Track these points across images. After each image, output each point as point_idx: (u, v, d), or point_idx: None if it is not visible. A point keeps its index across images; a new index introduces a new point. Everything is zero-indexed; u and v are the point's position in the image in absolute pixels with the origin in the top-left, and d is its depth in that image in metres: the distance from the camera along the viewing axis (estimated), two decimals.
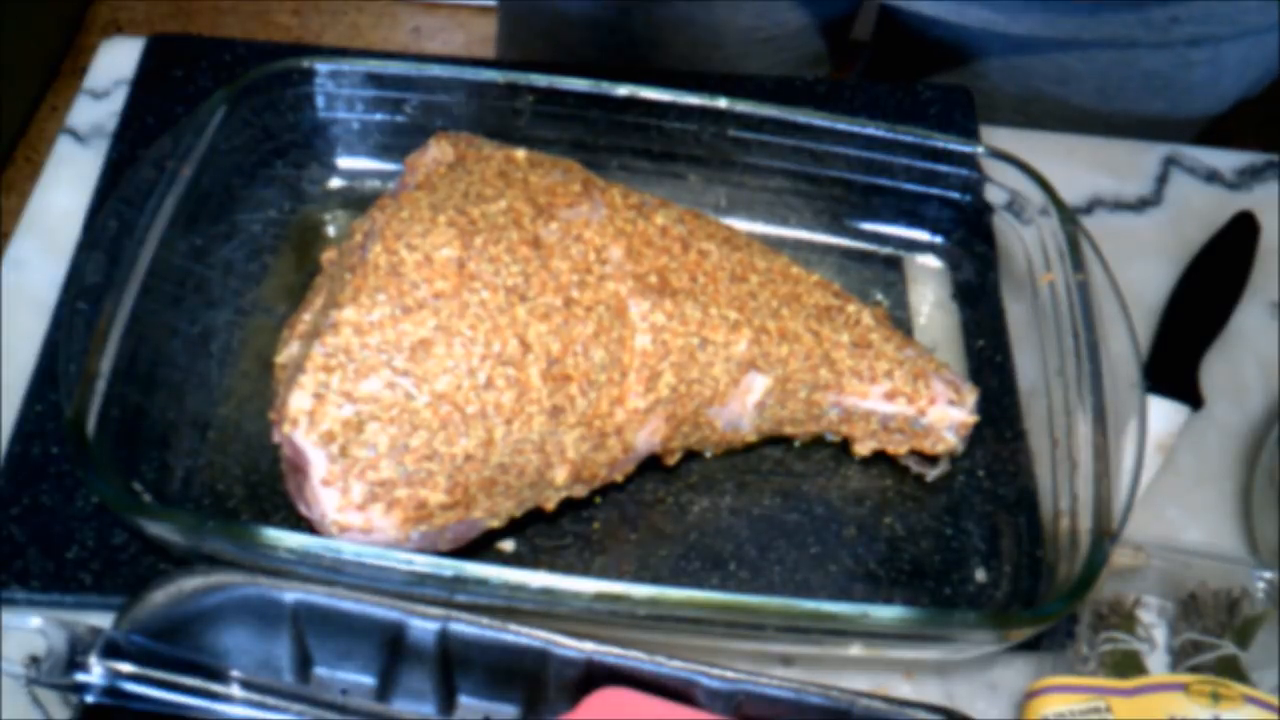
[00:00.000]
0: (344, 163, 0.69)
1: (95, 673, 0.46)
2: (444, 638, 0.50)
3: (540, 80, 0.65)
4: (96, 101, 0.73)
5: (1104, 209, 0.75)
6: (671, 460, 0.60)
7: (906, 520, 0.61)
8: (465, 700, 0.53)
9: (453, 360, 0.52)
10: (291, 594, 0.50)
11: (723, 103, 0.65)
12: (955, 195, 0.68)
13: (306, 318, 0.58)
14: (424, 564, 0.50)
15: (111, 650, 0.47)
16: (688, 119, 0.66)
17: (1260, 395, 0.68)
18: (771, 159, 0.68)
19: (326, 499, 0.51)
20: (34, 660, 0.46)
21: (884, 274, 0.69)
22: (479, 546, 0.57)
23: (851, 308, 0.62)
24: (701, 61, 0.87)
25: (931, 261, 0.70)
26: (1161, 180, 0.77)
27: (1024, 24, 0.77)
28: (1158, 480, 0.64)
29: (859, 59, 1.01)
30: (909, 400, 0.60)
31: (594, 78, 0.66)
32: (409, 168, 0.60)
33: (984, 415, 0.62)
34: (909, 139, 0.66)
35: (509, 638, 0.50)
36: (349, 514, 0.51)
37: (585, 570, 0.58)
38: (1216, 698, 0.52)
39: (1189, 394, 0.66)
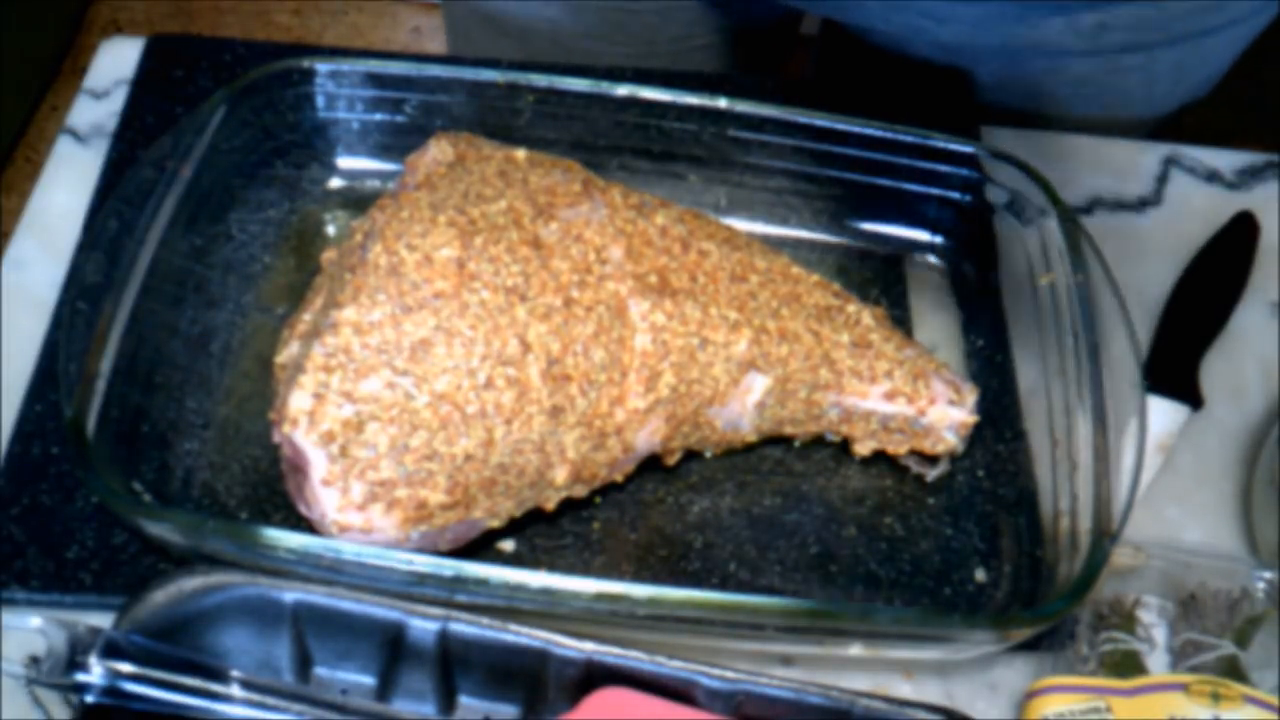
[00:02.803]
0: (344, 163, 0.69)
1: (95, 673, 0.46)
2: (444, 638, 0.50)
3: (540, 80, 0.65)
4: (96, 101, 0.73)
5: (1104, 209, 0.75)
6: (671, 460, 0.60)
7: (906, 520, 0.61)
8: (465, 700, 0.53)
9: (453, 360, 0.52)
10: (291, 594, 0.50)
11: (723, 103, 0.65)
12: (955, 195, 0.68)
13: (306, 318, 0.58)
14: (424, 564, 0.50)
15: (111, 650, 0.47)
16: (688, 119, 0.66)
17: (1260, 395, 0.68)
18: (771, 159, 0.68)
19: (326, 499, 0.51)
20: (34, 660, 0.46)
21: (884, 274, 0.69)
22: (479, 546, 0.57)
23: (851, 308, 0.62)
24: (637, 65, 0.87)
25: (931, 261, 0.70)
26: (1161, 180, 0.77)
27: (951, 31, 0.76)
28: (1158, 480, 0.64)
29: (809, 56, 1.02)
30: (909, 400, 0.60)
31: (594, 78, 0.66)
32: (409, 168, 0.60)
33: (984, 415, 0.62)
34: (909, 139, 0.66)
35: (509, 638, 0.50)
36: (349, 514, 0.51)
37: (585, 570, 0.57)
38: (1216, 698, 0.52)
39: (1189, 394, 0.66)
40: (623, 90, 0.65)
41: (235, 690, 0.48)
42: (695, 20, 0.87)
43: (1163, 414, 0.65)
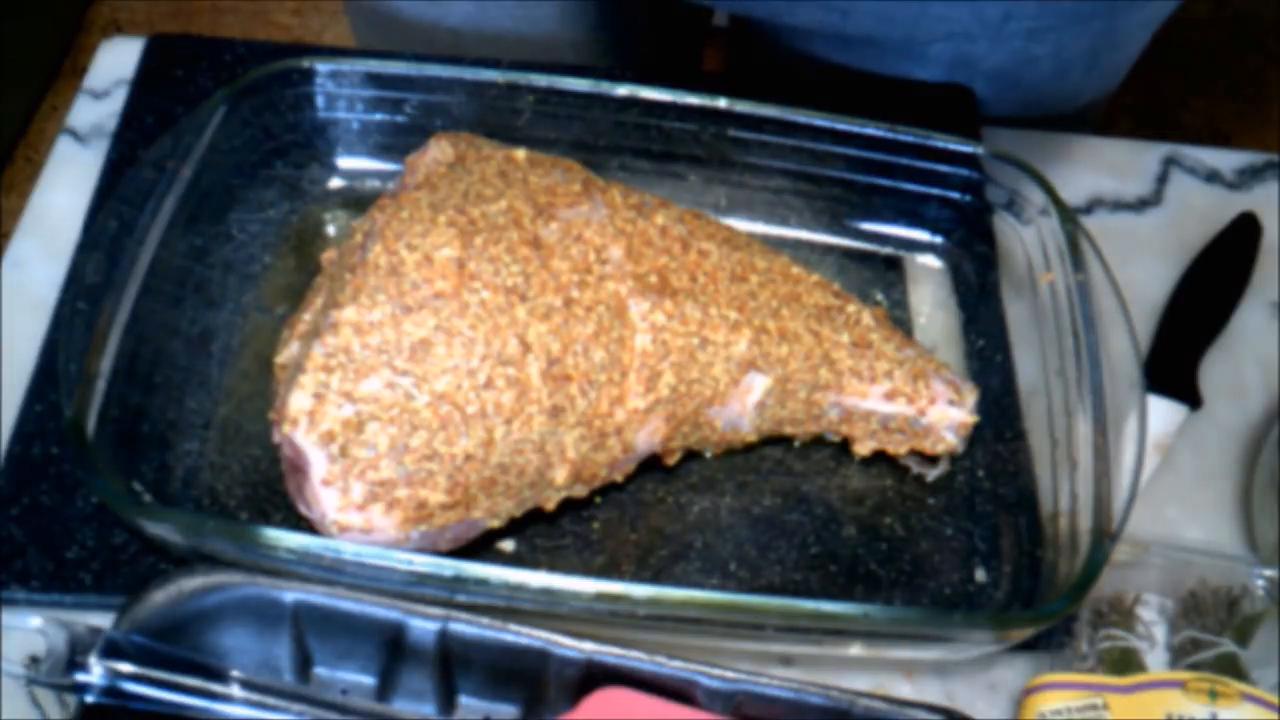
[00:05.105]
0: (344, 163, 0.69)
1: (95, 673, 0.46)
2: (444, 638, 0.50)
3: (540, 80, 0.65)
4: (96, 101, 0.73)
5: (1104, 209, 0.75)
6: (671, 460, 0.60)
7: (906, 520, 0.61)
8: (465, 700, 0.53)
9: (453, 360, 0.52)
10: (291, 594, 0.50)
11: (723, 103, 0.66)
12: (955, 195, 0.68)
13: (306, 318, 0.58)
14: (424, 564, 0.50)
15: (111, 650, 0.47)
16: (688, 119, 0.66)
17: (1260, 395, 0.68)
18: (771, 159, 0.68)
19: (326, 499, 0.51)
20: (34, 660, 0.46)
21: (884, 274, 0.69)
22: (479, 546, 0.57)
23: (851, 308, 0.62)
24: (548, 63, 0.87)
25: (931, 261, 0.70)
26: (1161, 180, 0.77)
27: (855, 23, 0.75)
28: (1157, 479, 0.64)
29: (722, 50, 1.02)
30: (909, 400, 0.60)
31: (594, 78, 0.66)
32: (409, 168, 0.60)
33: (984, 415, 0.62)
34: (909, 139, 0.66)
35: (509, 638, 0.50)
36: (349, 514, 0.51)
37: (585, 570, 0.58)
38: (1214, 695, 0.52)
39: (1188, 394, 0.66)
40: (623, 90, 0.65)
41: (235, 690, 0.48)
42: (602, 17, 0.87)
43: (1162, 414, 0.65)
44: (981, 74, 0.78)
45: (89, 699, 0.47)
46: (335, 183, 0.69)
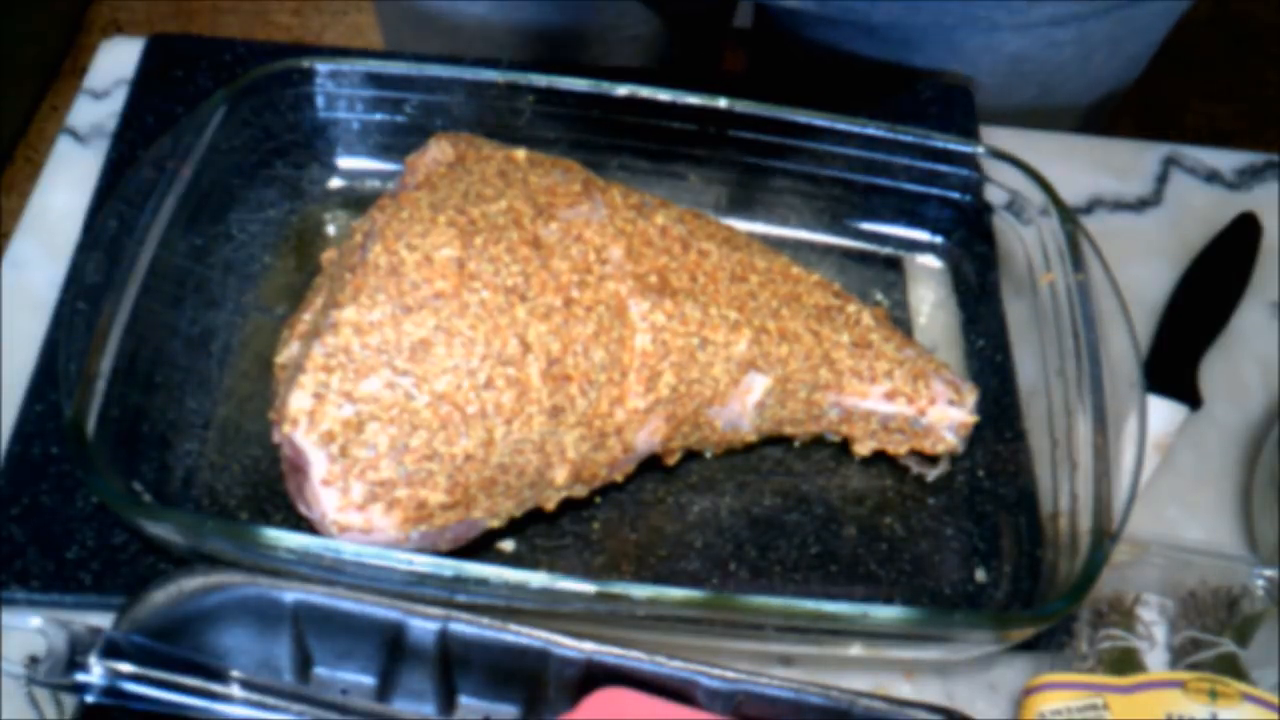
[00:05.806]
0: (344, 163, 0.69)
1: (95, 673, 0.46)
2: (444, 638, 0.50)
3: (540, 80, 0.65)
4: (96, 101, 0.73)
5: (1104, 209, 0.75)
6: (671, 460, 0.60)
7: (906, 520, 0.61)
8: (465, 700, 0.53)
9: (453, 360, 0.52)
10: (291, 594, 0.50)
11: (722, 103, 0.66)
12: (955, 195, 0.68)
13: (306, 318, 0.58)
14: (424, 564, 0.50)
15: (111, 650, 0.47)
16: (688, 119, 0.66)
17: (1260, 395, 0.68)
18: (771, 159, 0.68)
19: (326, 499, 0.51)
20: (34, 660, 0.46)
21: (884, 274, 0.69)
22: (479, 546, 0.57)
23: (851, 308, 0.62)
24: (570, 58, 0.88)
25: (931, 261, 0.70)
26: (1161, 180, 0.77)
27: (884, 11, 0.76)
28: (1157, 479, 0.64)
29: (743, 50, 1.02)
30: (909, 400, 0.60)
31: (594, 78, 0.66)
32: (409, 168, 0.60)
33: (984, 415, 0.62)
34: (909, 139, 0.66)
35: (509, 638, 0.50)
36: (349, 514, 0.51)
37: (585, 570, 0.58)
38: (1214, 695, 0.52)
39: (1188, 394, 0.66)
40: (623, 90, 0.65)
41: (235, 690, 0.48)
42: (625, 13, 0.87)
43: (1162, 414, 0.65)
44: (1004, 61, 0.78)
45: (89, 699, 0.47)
46: (335, 183, 0.69)
